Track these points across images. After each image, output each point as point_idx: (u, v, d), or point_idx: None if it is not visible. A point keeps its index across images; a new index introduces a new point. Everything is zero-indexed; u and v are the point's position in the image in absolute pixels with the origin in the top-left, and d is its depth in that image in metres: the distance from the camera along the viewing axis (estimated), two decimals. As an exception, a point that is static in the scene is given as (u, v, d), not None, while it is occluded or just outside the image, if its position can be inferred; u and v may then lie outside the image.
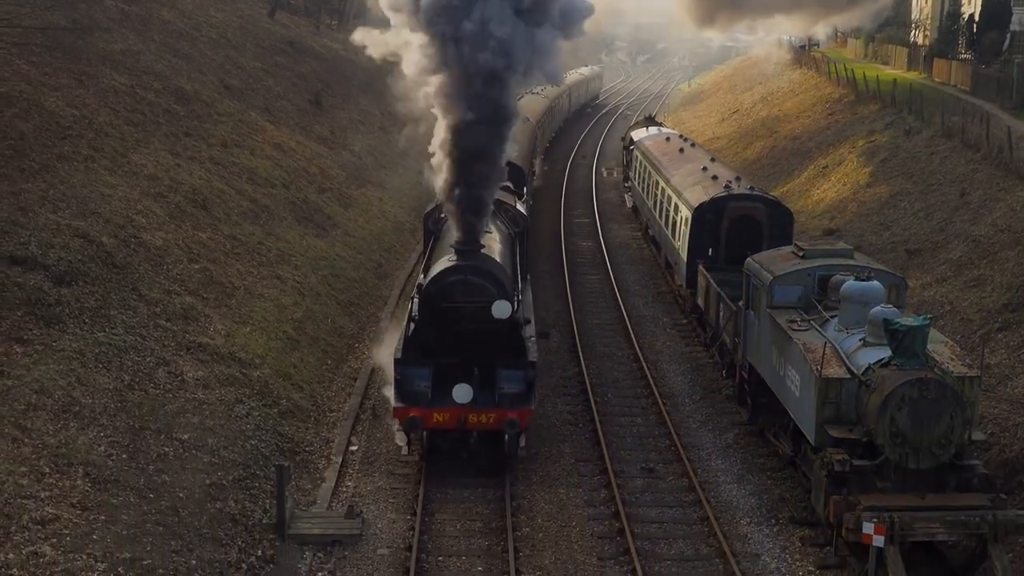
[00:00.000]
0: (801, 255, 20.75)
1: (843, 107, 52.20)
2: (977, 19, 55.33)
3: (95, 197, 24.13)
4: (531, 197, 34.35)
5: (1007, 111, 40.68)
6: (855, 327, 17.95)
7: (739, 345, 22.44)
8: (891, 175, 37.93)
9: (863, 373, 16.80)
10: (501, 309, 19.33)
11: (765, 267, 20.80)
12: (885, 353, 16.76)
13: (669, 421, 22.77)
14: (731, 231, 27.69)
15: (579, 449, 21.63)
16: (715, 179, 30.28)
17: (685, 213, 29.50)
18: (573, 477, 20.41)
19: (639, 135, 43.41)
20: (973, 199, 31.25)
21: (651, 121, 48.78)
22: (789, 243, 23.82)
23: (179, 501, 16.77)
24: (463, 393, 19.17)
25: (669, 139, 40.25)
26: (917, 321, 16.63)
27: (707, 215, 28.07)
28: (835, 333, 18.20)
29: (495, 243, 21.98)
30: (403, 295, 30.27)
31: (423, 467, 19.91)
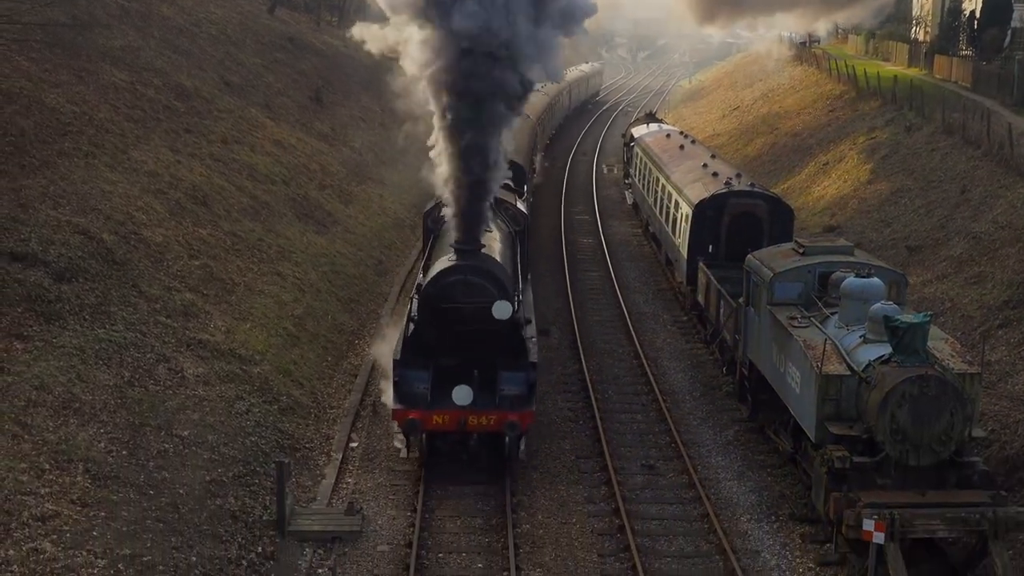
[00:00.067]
0: (801, 252, 20.74)
1: (844, 104, 52.18)
2: (978, 15, 55.28)
3: (95, 194, 24.12)
4: (531, 195, 34.31)
5: (1008, 107, 40.68)
6: (855, 324, 17.95)
7: (739, 342, 22.44)
8: (892, 172, 37.91)
9: (863, 370, 16.79)
10: (502, 310, 19.09)
11: (765, 264, 20.79)
12: (885, 350, 16.75)
13: (669, 418, 22.77)
14: (731, 228, 27.68)
15: (579, 446, 21.63)
16: (715, 176, 30.26)
17: (686, 210, 29.49)
18: (573, 474, 20.40)
19: (639, 132, 43.38)
20: (974, 196, 31.23)
21: (651, 118, 48.77)
22: (790, 240, 23.83)
23: (179, 497, 16.78)
24: (463, 395, 18.92)
25: (670, 136, 40.23)
26: (917, 318, 16.63)
27: (708, 212, 28.06)
28: (835, 330, 18.19)
29: (495, 242, 21.76)
30: (403, 292, 30.27)
31: (423, 465, 19.84)
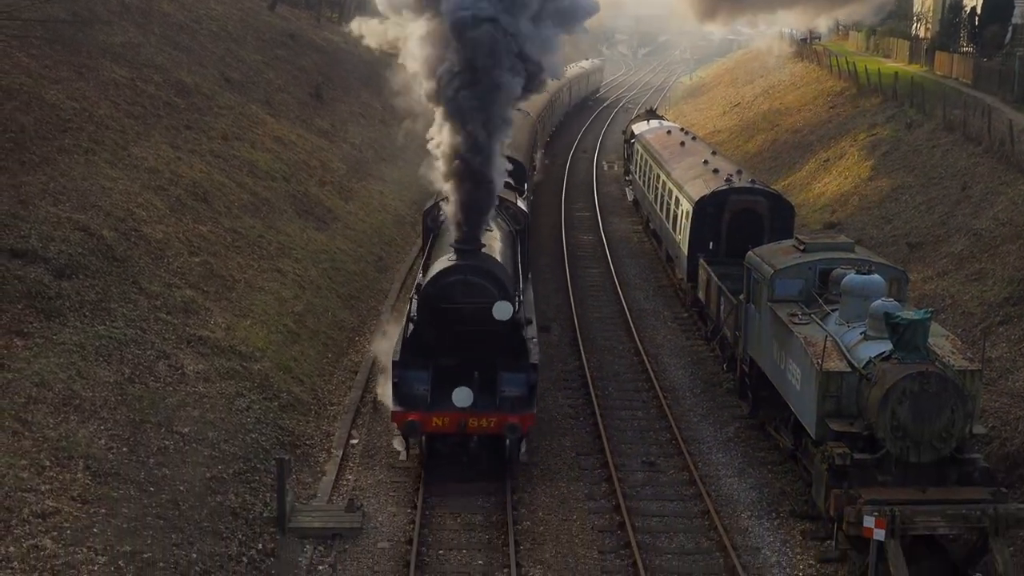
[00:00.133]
0: (802, 249, 20.72)
1: (844, 100, 52.14)
2: (979, 12, 55.22)
3: (95, 190, 24.11)
4: (532, 193, 34.26)
5: (1009, 104, 40.66)
6: (856, 321, 17.93)
7: (740, 339, 22.42)
8: (892, 168, 37.89)
9: (864, 367, 16.78)
10: (502, 310, 18.85)
11: (766, 261, 20.78)
12: (886, 347, 16.74)
13: (670, 415, 22.77)
14: (732, 224, 27.66)
15: (580, 443, 21.63)
16: (716, 172, 30.23)
17: (686, 206, 29.47)
18: (574, 471, 20.40)
19: (640, 128, 43.35)
20: (974, 193, 31.21)
21: (652, 114, 48.73)
22: (790, 237, 23.82)
23: (179, 494, 16.78)
24: (463, 397, 18.64)
25: (670, 132, 40.20)
26: (918, 315, 16.61)
27: (708, 208, 28.03)
28: (836, 327, 18.18)
29: (496, 242, 21.54)
30: (404, 288, 30.26)
31: (423, 468, 19.69)
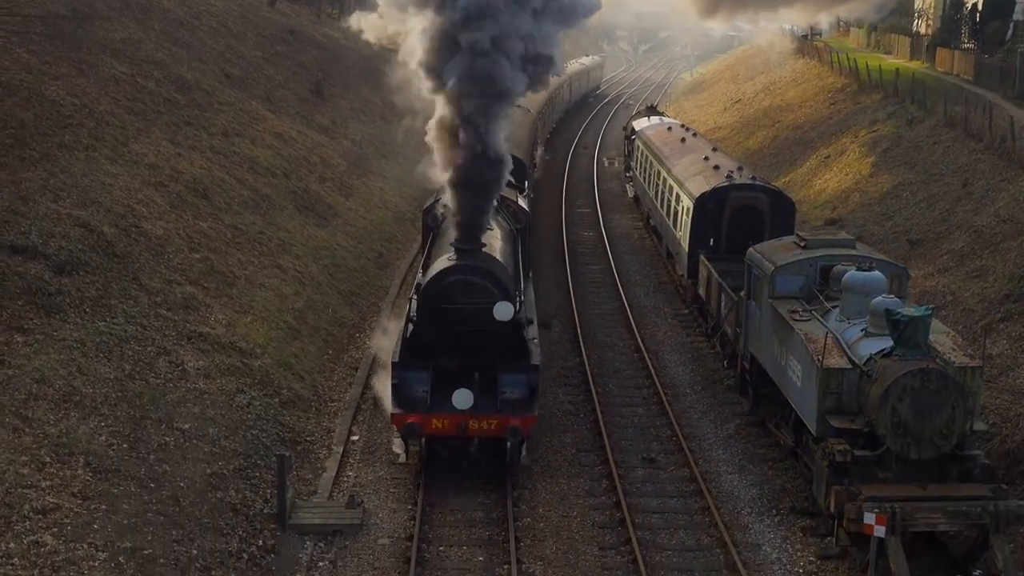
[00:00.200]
0: (803, 245, 20.71)
1: (845, 97, 52.09)
2: (980, 8, 55.18)
3: (96, 186, 24.09)
4: (532, 190, 34.19)
5: (1010, 101, 40.61)
6: (857, 317, 17.92)
7: (740, 335, 22.42)
8: (893, 165, 37.86)
9: (865, 363, 16.77)
10: (503, 311, 18.64)
11: (767, 257, 20.76)
12: (887, 343, 16.73)
13: (670, 411, 22.76)
14: (733, 221, 27.65)
15: (580, 439, 21.63)
16: (717, 169, 30.21)
17: (687, 203, 29.45)
18: (574, 467, 20.40)
19: (641, 125, 43.32)
20: (975, 189, 31.19)
21: (653, 111, 48.68)
22: (791, 233, 23.80)
23: (180, 491, 16.77)
24: (463, 398, 18.44)
25: (671, 129, 40.18)
26: (919, 311, 16.61)
27: (709, 205, 28.02)
28: (837, 323, 18.17)
29: (496, 241, 21.31)
30: (404, 284, 30.25)
31: (423, 471, 19.55)
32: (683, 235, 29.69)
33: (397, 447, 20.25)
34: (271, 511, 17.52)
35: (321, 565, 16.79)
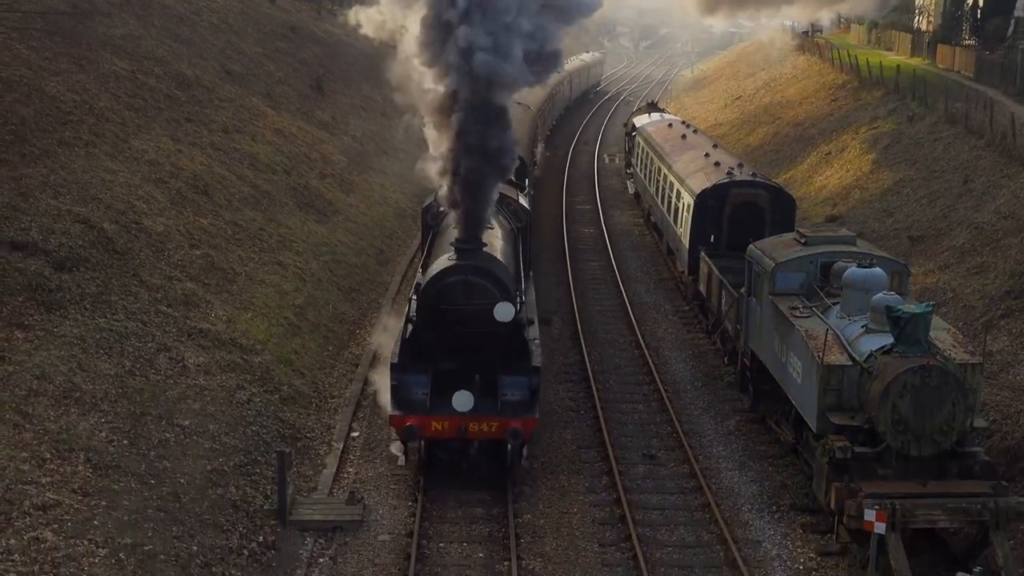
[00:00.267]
0: (803, 242, 20.70)
1: (846, 93, 52.05)
2: (981, 5, 55.10)
3: (96, 183, 24.08)
4: (532, 188, 34.14)
5: (1011, 97, 40.58)
6: (857, 314, 17.91)
7: (741, 332, 22.41)
8: (894, 162, 37.84)
9: (865, 360, 16.77)
10: (504, 312, 18.39)
11: (767, 254, 20.75)
12: (887, 340, 16.73)
13: (671, 408, 22.76)
14: (733, 218, 27.62)
15: (580, 436, 21.63)
16: (717, 165, 30.19)
17: (687, 200, 29.44)
18: (574, 464, 20.40)
19: (641, 121, 43.27)
20: (976, 186, 31.18)
21: (653, 107, 48.64)
22: (791, 230, 23.79)
23: (180, 487, 16.78)
24: (463, 401, 18.22)
25: (671, 125, 40.13)
26: (919, 308, 16.60)
27: (709, 202, 27.99)
28: (837, 320, 18.16)
29: (497, 240, 21.12)
30: (404, 280, 30.25)
31: (422, 474, 19.34)
32: (684, 232, 29.67)
33: (396, 450, 20.06)
34: (271, 507, 17.53)
35: (321, 561, 16.80)
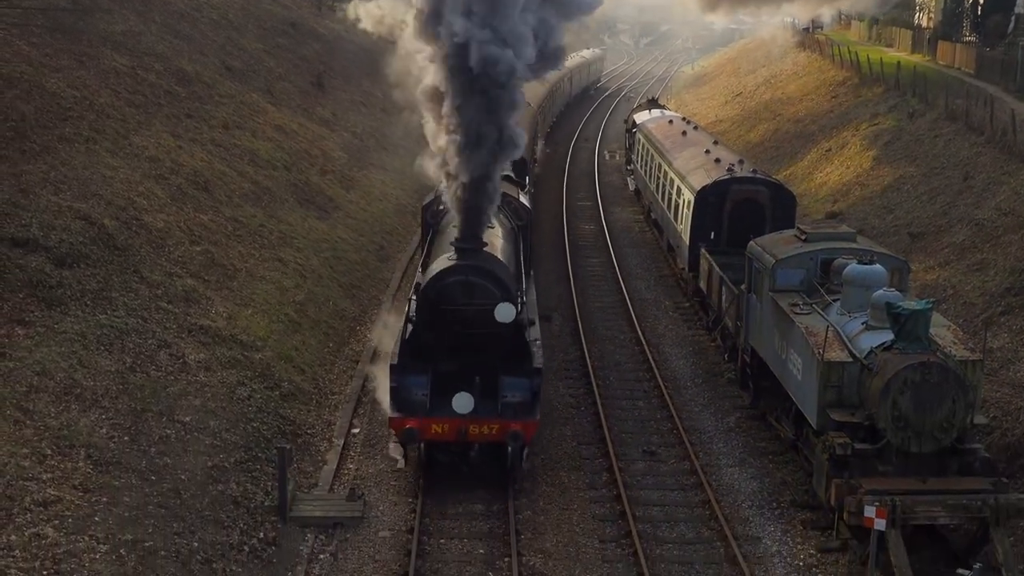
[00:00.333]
0: (804, 238, 20.70)
1: (847, 90, 52.03)
2: (981, 2, 55.07)
3: (96, 179, 24.08)
4: (533, 186, 34.09)
5: (1011, 94, 40.58)
6: (857, 311, 17.92)
7: (741, 329, 22.41)
8: (894, 158, 37.83)
9: (865, 357, 16.78)
10: (505, 312, 18.21)
11: (768, 250, 20.76)
12: (887, 337, 16.73)
13: (671, 404, 22.77)
14: (734, 214, 27.62)
15: (581, 432, 21.64)
16: (718, 162, 30.17)
17: (688, 196, 29.43)
18: (575, 460, 20.41)
19: (642, 118, 43.25)
20: (977, 182, 31.18)
21: (654, 104, 48.63)
22: (792, 226, 23.78)
23: (181, 483, 16.79)
24: (463, 402, 18.01)
25: (672, 122, 40.11)
26: (920, 305, 16.60)
27: (710, 198, 27.99)
28: (837, 317, 18.17)
29: (497, 239, 20.95)
30: (405, 277, 30.25)
31: (422, 477, 19.21)
32: (684, 228, 29.67)
33: (395, 452, 19.90)
34: (272, 504, 17.54)
35: (322, 558, 16.81)
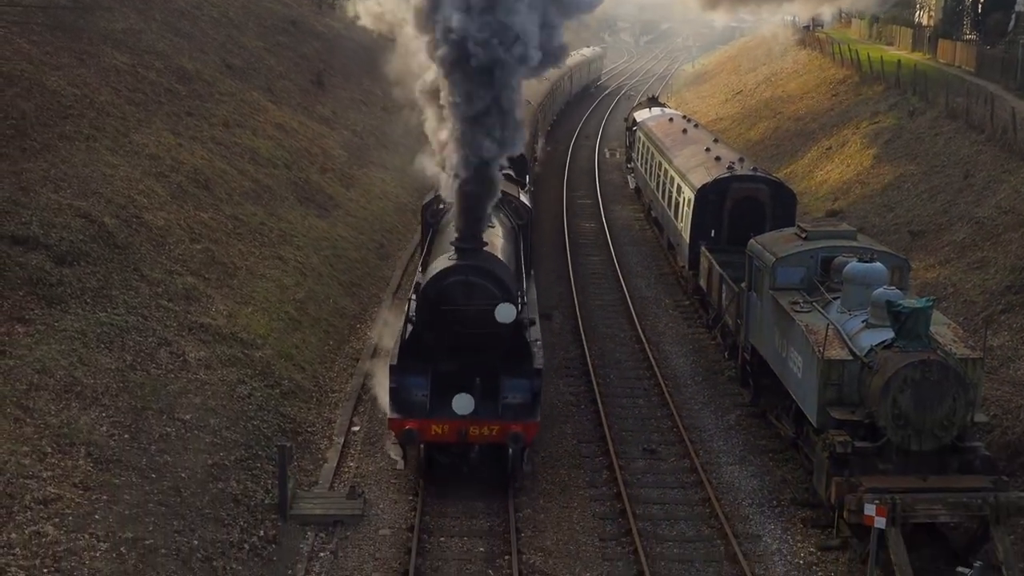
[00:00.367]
0: (804, 237, 20.69)
1: (847, 88, 52.01)
2: (982, 0, 55.03)
3: (97, 177, 24.07)
4: (533, 185, 34.05)
5: (1011, 92, 40.55)
6: (858, 309, 17.92)
7: (741, 327, 22.41)
8: (895, 156, 37.82)
9: (866, 355, 16.78)
10: (505, 313, 18.06)
11: (768, 249, 20.75)
12: (888, 335, 16.73)
13: (671, 403, 22.77)
14: (734, 212, 27.61)
15: (581, 430, 21.64)
16: (718, 160, 30.16)
17: (688, 194, 29.43)
18: (575, 458, 20.42)
19: (642, 116, 43.23)
20: (977, 181, 31.17)
21: (654, 102, 48.60)
22: (792, 225, 23.79)
23: (181, 481, 16.80)
24: (464, 403, 17.90)
25: (672, 120, 40.10)
26: (920, 303, 16.60)
27: (710, 196, 27.98)
28: (838, 315, 18.16)
29: (498, 239, 20.80)
30: (405, 275, 30.25)
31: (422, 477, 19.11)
32: (684, 226, 29.67)
33: (394, 453, 19.82)
34: (272, 501, 17.54)
35: (322, 556, 16.82)
